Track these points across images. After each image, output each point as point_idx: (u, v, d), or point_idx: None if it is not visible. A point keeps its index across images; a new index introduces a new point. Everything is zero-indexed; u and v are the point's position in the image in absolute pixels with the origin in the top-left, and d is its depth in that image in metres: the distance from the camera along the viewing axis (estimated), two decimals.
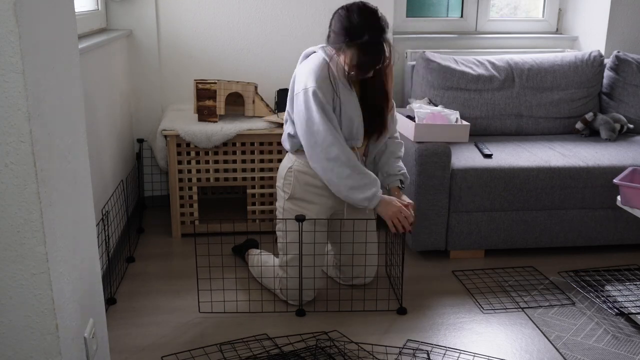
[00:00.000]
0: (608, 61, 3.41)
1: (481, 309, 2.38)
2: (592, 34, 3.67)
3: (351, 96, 2.24)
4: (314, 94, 2.15)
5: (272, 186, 3.02)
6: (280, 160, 2.99)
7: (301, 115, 2.20)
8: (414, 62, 3.33)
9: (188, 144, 2.91)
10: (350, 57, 2.13)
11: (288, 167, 2.35)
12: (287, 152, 2.39)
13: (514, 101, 3.25)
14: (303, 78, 2.21)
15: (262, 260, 2.53)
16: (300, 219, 2.22)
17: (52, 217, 1.27)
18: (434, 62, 3.19)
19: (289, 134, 2.33)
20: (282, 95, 3.07)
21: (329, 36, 2.22)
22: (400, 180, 2.42)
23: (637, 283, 2.54)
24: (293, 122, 2.29)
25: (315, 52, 2.29)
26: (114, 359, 2.00)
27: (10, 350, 1.30)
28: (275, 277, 2.41)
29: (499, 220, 2.76)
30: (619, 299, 2.40)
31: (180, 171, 2.94)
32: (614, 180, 2.32)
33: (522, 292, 2.51)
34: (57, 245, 1.30)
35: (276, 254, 2.48)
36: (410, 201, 2.35)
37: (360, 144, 2.31)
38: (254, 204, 3.04)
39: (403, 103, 3.43)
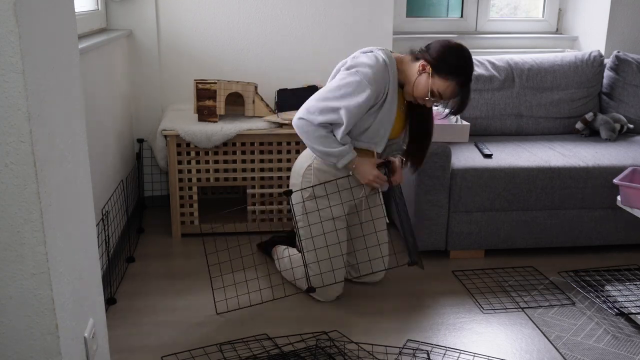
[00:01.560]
0: (608, 61, 3.41)
1: (481, 309, 2.38)
2: (592, 34, 3.66)
3: (393, 106, 2.26)
4: (366, 86, 2.16)
5: (272, 186, 3.02)
6: (280, 160, 2.99)
7: (335, 87, 2.20)
8: None
9: (188, 144, 2.91)
10: (438, 87, 2.20)
11: (307, 165, 2.35)
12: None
13: (514, 101, 3.25)
14: (364, 67, 2.20)
15: (288, 257, 2.55)
16: (287, 193, 2.29)
17: (52, 217, 1.27)
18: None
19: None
20: (282, 95, 3.07)
21: (425, 50, 2.25)
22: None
23: (637, 283, 2.54)
24: None
25: (372, 51, 2.28)
26: (114, 359, 2.00)
27: (10, 350, 1.30)
28: (293, 269, 2.46)
29: (499, 220, 2.76)
30: (619, 299, 2.40)
31: (180, 171, 2.94)
32: (614, 180, 2.32)
33: (522, 292, 2.51)
34: (57, 245, 1.30)
35: (299, 251, 2.51)
36: (393, 159, 2.38)
37: (379, 150, 2.32)
38: (254, 204, 3.04)
39: None
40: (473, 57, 3.29)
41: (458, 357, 2.06)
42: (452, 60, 2.19)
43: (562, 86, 3.29)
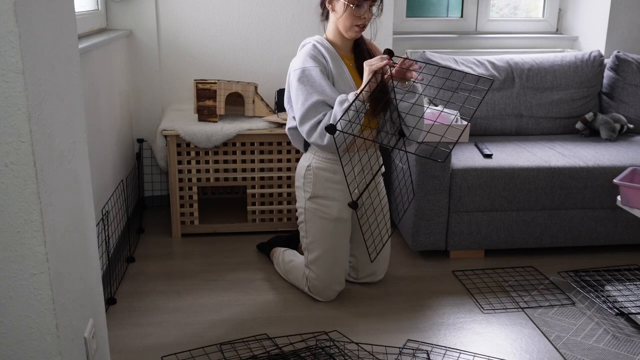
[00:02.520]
0: (608, 61, 3.41)
1: (481, 309, 2.38)
2: (592, 34, 3.66)
3: (343, 69, 2.30)
4: (306, 70, 2.24)
5: (272, 186, 3.02)
6: (280, 160, 2.99)
7: (299, 94, 2.24)
8: None
9: (188, 144, 2.91)
10: (341, 6, 2.24)
11: (306, 165, 2.37)
12: (303, 152, 2.43)
13: (514, 101, 3.25)
14: (300, 63, 2.27)
15: (287, 258, 2.56)
16: (330, 129, 2.11)
17: (52, 217, 1.27)
18: (434, 62, 3.19)
19: (295, 129, 2.37)
20: (282, 95, 3.07)
21: (323, 14, 2.38)
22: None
23: (637, 283, 2.54)
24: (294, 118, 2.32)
25: (307, 43, 2.38)
26: (114, 359, 2.00)
27: (10, 350, 1.30)
28: (292, 270, 2.46)
29: (499, 220, 2.76)
30: (619, 299, 2.40)
31: (180, 171, 2.94)
32: (614, 180, 2.32)
33: (522, 292, 2.51)
34: (57, 245, 1.30)
35: (301, 253, 2.53)
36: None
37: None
38: (254, 204, 3.04)
39: None
40: (473, 57, 3.33)
41: (458, 357, 2.06)
42: None
43: (562, 86, 3.30)
